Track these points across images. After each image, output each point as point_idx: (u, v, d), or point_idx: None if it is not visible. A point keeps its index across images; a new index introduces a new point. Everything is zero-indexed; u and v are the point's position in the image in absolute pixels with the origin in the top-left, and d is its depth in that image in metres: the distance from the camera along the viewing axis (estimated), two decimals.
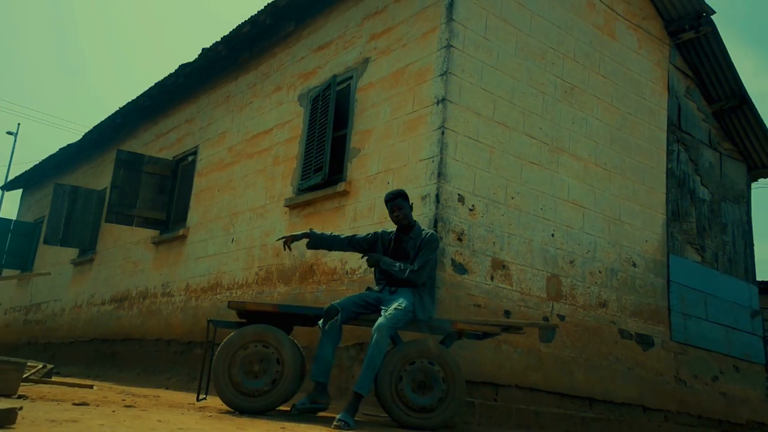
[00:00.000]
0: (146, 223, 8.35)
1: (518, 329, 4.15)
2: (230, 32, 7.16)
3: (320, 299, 5.26)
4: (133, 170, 8.35)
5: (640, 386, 5.76)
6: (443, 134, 4.77)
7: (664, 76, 6.82)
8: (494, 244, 4.95)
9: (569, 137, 5.69)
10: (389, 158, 5.20)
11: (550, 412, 5.04)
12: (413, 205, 4.07)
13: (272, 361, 3.59)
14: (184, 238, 7.77)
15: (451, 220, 4.70)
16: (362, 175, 5.42)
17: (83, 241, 10.06)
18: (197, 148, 8.13)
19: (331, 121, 5.76)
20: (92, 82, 63.91)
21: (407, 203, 3.90)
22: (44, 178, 12.82)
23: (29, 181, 13.64)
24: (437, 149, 4.77)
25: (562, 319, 5.31)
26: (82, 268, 10.30)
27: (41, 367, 5.33)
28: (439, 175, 4.70)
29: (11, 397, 3.36)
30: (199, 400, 4.01)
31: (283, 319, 3.87)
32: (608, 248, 5.83)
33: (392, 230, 3.99)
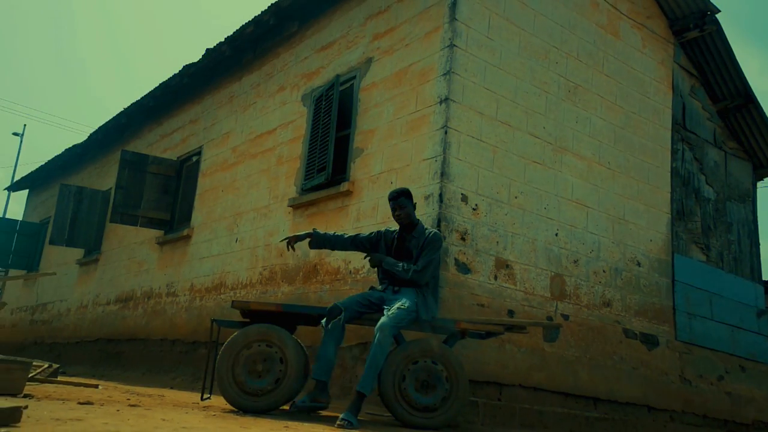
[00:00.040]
0: (151, 223, 8.38)
1: (522, 329, 4.15)
2: (234, 32, 7.18)
3: (324, 299, 5.27)
4: (137, 171, 8.38)
5: (644, 386, 5.75)
6: (446, 134, 4.77)
7: (668, 75, 6.80)
8: (498, 243, 4.95)
9: (573, 136, 5.68)
10: (392, 158, 5.20)
11: (554, 411, 5.04)
12: (416, 204, 4.07)
13: (276, 360, 3.60)
14: (188, 238, 7.79)
15: (454, 219, 4.70)
16: (365, 174, 5.43)
17: (88, 241, 10.10)
18: (201, 148, 8.15)
19: (334, 121, 5.77)
20: (92, 82, 64.28)
21: (410, 202, 3.89)
22: (50, 178, 12.88)
23: (35, 181, 13.71)
24: (440, 149, 4.77)
25: (566, 318, 5.30)
26: (87, 268, 10.35)
27: (47, 366, 5.36)
28: (442, 174, 4.70)
29: (17, 396, 3.38)
30: (203, 399, 4.02)
31: (286, 318, 3.88)
32: (612, 248, 5.81)
33: (395, 229, 3.99)
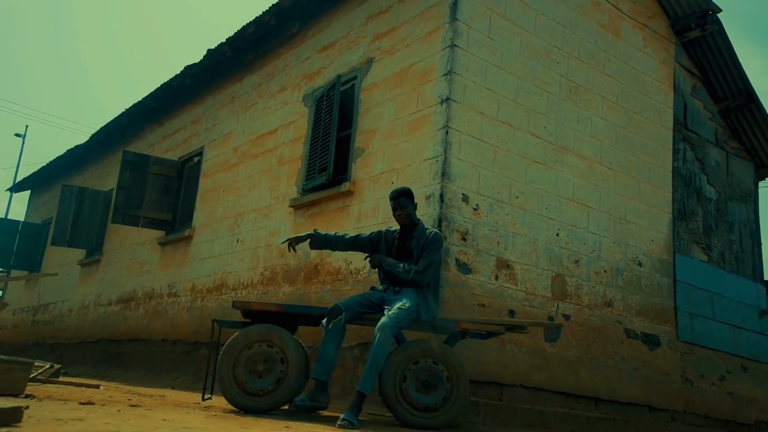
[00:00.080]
0: (152, 223, 8.39)
1: (523, 329, 4.15)
2: (235, 33, 7.19)
3: (325, 299, 5.27)
4: (139, 171, 8.39)
5: (646, 386, 5.74)
6: (447, 134, 4.77)
7: (669, 74, 6.79)
8: (498, 243, 4.95)
9: (574, 136, 5.68)
10: (393, 158, 5.20)
11: (555, 411, 5.03)
12: (417, 204, 4.07)
13: (276, 360, 3.60)
14: (189, 238, 7.80)
15: (455, 219, 4.70)
16: (366, 175, 5.43)
17: (90, 242, 10.11)
18: (203, 149, 8.16)
19: (335, 121, 5.77)
20: (93, 83, 64.50)
21: (411, 202, 3.89)
22: (52, 179, 12.90)
23: (37, 182, 13.74)
24: (441, 149, 4.77)
25: (567, 318, 5.30)
26: (89, 268, 10.36)
27: (48, 367, 5.37)
28: (443, 174, 4.70)
29: (18, 396, 3.38)
30: (204, 399, 4.02)
31: (287, 318, 3.88)
32: (614, 248, 5.81)
33: (396, 229, 3.98)
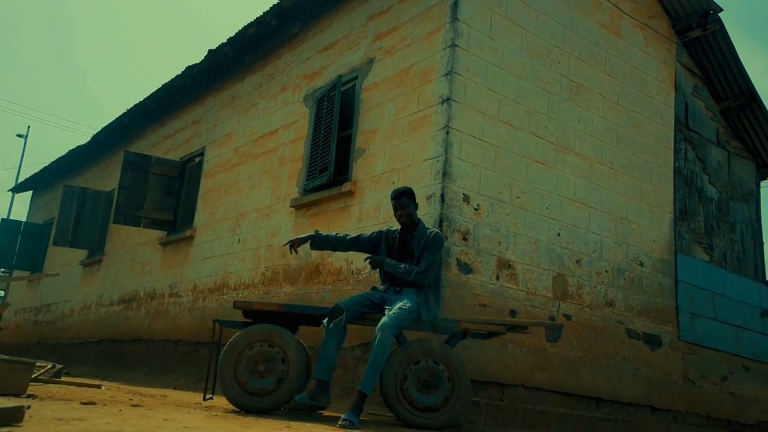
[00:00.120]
0: (153, 224, 8.40)
1: (524, 329, 4.15)
2: (236, 33, 7.19)
3: (326, 299, 5.27)
4: (140, 171, 8.40)
5: (647, 386, 5.74)
6: (448, 134, 4.77)
7: (671, 74, 6.78)
8: (500, 243, 4.95)
9: (575, 136, 5.67)
10: (394, 158, 5.20)
11: (556, 412, 5.03)
12: (418, 204, 4.07)
13: (277, 360, 3.60)
14: (191, 238, 7.80)
15: (456, 219, 4.70)
16: (367, 175, 5.43)
17: (92, 242, 10.13)
18: (204, 149, 8.17)
19: (336, 121, 5.77)
20: (93, 84, 64.73)
21: (412, 202, 3.89)
22: (53, 180, 12.92)
23: (39, 183, 13.76)
24: (442, 149, 4.77)
25: (568, 318, 5.29)
26: (90, 269, 10.38)
27: (50, 367, 5.38)
28: (444, 174, 4.70)
29: (20, 396, 3.38)
30: (205, 399, 4.03)
31: (288, 318, 3.89)
32: (615, 247, 5.80)
33: (397, 228, 3.98)
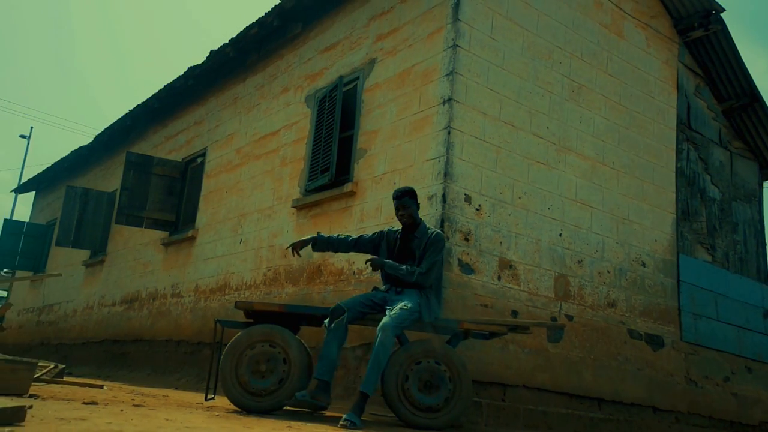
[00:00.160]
0: (156, 224, 8.41)
1: (525, 329, 4.14)
2: (238, 34, 7.20)
3: (328, 299, 5.27)
4: (142, 172, 8.41)
5: (649, 387, 5.73)
6: (449, 134, 4.77)
7: (673, 74, 6.77)
8: (501, 243, 4.95)
9: (576, 137, 5.67)
10: (396, 158, 5.20)
11: (558, 412, 5.02)
12: (420, 205, 4.06)
13: (279, 360, 3.60)
14: (193, 239, 7.82)
15: (457, 220, 4.70)
16: (369, 175, 5.43)
17: (94, 242, 10.15)
18: (206, 149, 8.18)
19: (337, 122, 5.78)
20: (91, 83, 65.05)
21: (414, 202, 3.89)
22: (56, 180, 12.95)
23: (41, 183, 13.79)
24: (443, 149, 4.77)
25: (570, 319, 5.29)
26: (93, 269, 10.39)
27: (53, 367, 5.39)
28: (445, 175, 4.70)
29: (23, 396, 3.39)
30: (207, 399, 4.03)
31: (289, 319, 3.89)
32: (617, 248, 5.79)
33: (398, 229, 3.98)
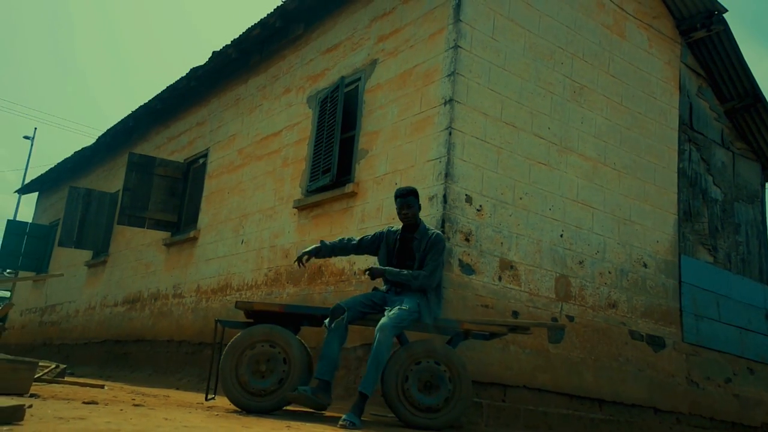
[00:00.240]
0: (158, 225, 8.43)
1: (525, 330, 4.14)
2: (240, 35, 7.22)
3: (329, 300, 5.28)
4: (144, 173, 8.43)
5: (650, 388, 5.71)
6: (451, 135, 4.77)
7: (675, 75, 6.76)
8: (502, 244, 4.94)
9: (578, 137, 5.66)
10: (397, 159, 5.20)
11: (558, 413, 5.01)
12: (421, 205, 4.06)
13: (279, 360, 3.60)
14: (194, 239, 7.83)
15: (458, 220, 4.70)
16: (370, 176, 5.43)
17: (97, 243, 10.17)
18: (208, 150, 8.19)
19: (339, 122, 5.78)
20: (92, 84, 65.36)
21: (417, 202, 3.89)
22: (59, 181, 12.99)
23: (45, 184, 13.83)
24: (444, 150, 4.77)
25: (571, 319, 5.28)
26: (95, 270, 10.42)
27: (54, 367, 5.40)
28: (446, 175, 4.70)
29: (23, 395, 3.40)
30: (207, 399, 4.04)
31: (290, 319, 3.89)
32: (618, 249, 5.78)
33: (397, 229, 3.98)
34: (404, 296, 3.73)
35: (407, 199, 3.85)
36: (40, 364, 5.02)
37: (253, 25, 7.06)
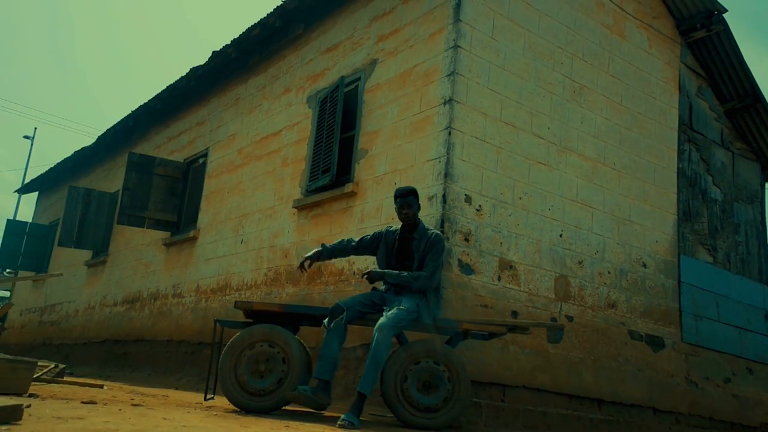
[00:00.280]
0: (157, 224, 8.43)
1: (524, 329, 4.14)
2: (240, 35, 7.22)
3: (328, 300, 5.28)
4: (144, 173, 8.43)
5: (650, 388, 5.71)
6: (450, 134, 4.77)
7: (675, 75, 6.76)
8: (501, 244, 4.94)
9: (578, 137, 5.66)
10: (396, 159, 5.20)
11: (558, 413, 5.01)
12: (420, 205, 4.06)
13: (278, 360, 3.60)
14: (194, 239, 7.83)
15: (458, 220, 4.70)
16: (369, 176, 5.43)
17: (96, 243, 10.17)
18: (208, 150, 8.20)
19: (338, 122, 5.78)
20: (92, 84, 65.46)
21: (417, 202, 3.89)
22: (59, 181, 12.99)
23: (44, 184, 13.83)
24: (444, 150, 4.77)
25: (570, 320, 5.28)
26: (95, 269, 10.42)
27: (53, 366, 5.40)
28: (446, 175, 4.70)
29: (22, 395, 3.40)
30: (206, 399, 4.04)
31: (289, 319, 3.89)
32: (617, 249, 5.78)
33: (396, 228, 3.98)
34: (403, 296, 3.73)
35: (407, 198, 3.85)
36: (39, 363, 5.02)
37: (252, 24, 7.06)
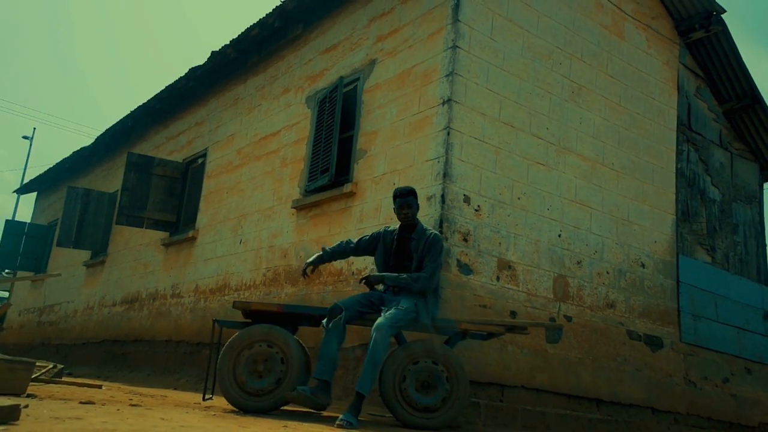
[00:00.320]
0: (156, 225, 8.43)
1: (523, 329, 4.14)
2: (239, 35, 7.22)
3: (327, 300, 5.27)
4: (143, 173, 8.43)
5: (648, 388, 5.72)
6: (449, 135, 4.78)
7: (673, 75, 6.77)
8: (500, 244, 4.94)
9: (576, 137, 5.67)
10: (395, 159, 5.21)
11: (556, 413, 5.02)
12: (419, 205, 4.06)
13: (277, 360, 3.60)
14: (193, 239, 7.82)
15: (456, 220, 4.70)
16: (368, 176, 5.44)
17: (95, 243, 10.16)
18: (206, 150, 8.19)
19: (337, 122, 5.78)
20: (91, 84, 65.46)
21: (416, 202, 3.90)
22: (58, 181, 12.98)
23: (43, 184, 13.82)
24: (443, 150, 4.77)
25: (569, 320, 5.28)
26: (94, 270, 10.41)
27: (51, 367, 5.40)
28: (444, 175, 4.70)
29: (20, 395, 3.39)
30: (205, 399, 4.04)
31: (288, 319, 3.89)
32: (616, 249, 5.79)
33: (394, 229, 3.98)
34: (402, 296, 3.73)
35: (407, 198, 3.85)
36: (37, 364, 5.02)
37: (251, 25, 7.06)
